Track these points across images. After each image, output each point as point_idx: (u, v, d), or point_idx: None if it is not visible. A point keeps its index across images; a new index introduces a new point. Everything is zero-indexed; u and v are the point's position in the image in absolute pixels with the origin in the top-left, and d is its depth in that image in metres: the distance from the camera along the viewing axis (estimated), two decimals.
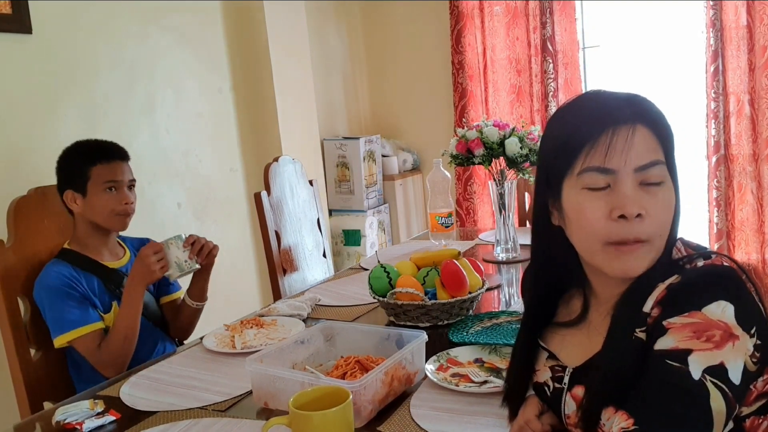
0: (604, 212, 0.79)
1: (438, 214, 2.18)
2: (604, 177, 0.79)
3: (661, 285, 0.78)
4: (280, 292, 2.27)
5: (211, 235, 2.87)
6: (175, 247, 1.65)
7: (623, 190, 0.78)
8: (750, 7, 2.96)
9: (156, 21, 2.64)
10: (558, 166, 0.83)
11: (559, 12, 3.39)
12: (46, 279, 1.63)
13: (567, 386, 0.89)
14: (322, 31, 3.72)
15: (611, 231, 0.79)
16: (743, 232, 3.15)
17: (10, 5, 2.09)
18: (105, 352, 1.59)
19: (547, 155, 0.87)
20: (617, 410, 0.78)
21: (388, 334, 1.32)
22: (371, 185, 3.73)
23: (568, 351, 0.91)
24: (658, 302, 0.77)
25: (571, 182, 0.82)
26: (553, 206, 0.87)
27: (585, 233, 0.82)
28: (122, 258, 1.81)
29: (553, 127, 0.88)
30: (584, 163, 0.80)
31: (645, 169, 0.79)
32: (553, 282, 0.94)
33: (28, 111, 2.17)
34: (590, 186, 0.80)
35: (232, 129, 3.03)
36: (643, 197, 0.79)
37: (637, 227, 0.78)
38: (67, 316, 1.60)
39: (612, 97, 0.84)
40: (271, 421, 0.97)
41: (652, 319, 0.77)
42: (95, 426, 1.19)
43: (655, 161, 0.80)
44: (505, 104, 3.64)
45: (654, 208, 0.79)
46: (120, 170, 1.70)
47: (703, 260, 0.79)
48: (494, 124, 2.00)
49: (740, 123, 3.09)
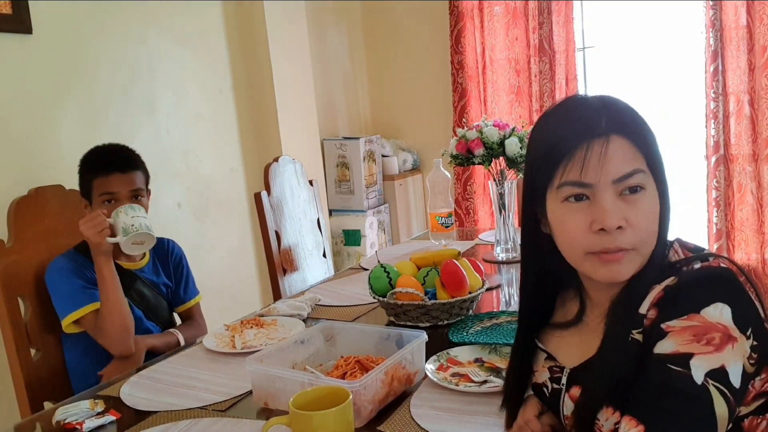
0: (584, 224, 0.80)
1: (438, 214, 2.18)
2: (582, 190, 0.80)
3: (658, 287, 0.78)
4: (280, 292, 2.27)
5: (211, 235, 2.90)
6: (123, 213, 1.63)
7: (602, 204, 0.78)
8: (750, 7, 2.96)
9: (156, 21, 2.64)
10: (541, 178, 0.84)
11: (557, 12, 3.39)
12: (58, 262, 1.68)
13: (565, 387, 0.89)
14: (322, 31, 3.72)
15: (592, 243, 0.80)
16: (743, 232, 3.15)
17: (10, 5, 2.09)
18: (101, 329, 1.63)
19: (531, 165, 0.87)
20: (615, 411, 0.78)
21: (388, 334, 1.32)
22: (371, 185, 3.73)
23: (566, 352, 0.91)
24: (654, 304, 0.77)
25: (553, 194, 0.83)
26: (541, 214, 0.87)
27: (568, 244, 0.83)
28: (139, 261, 1.82)
29: (535, 137, 0.88)
30: (562, 177, 0.80)
31: (623, 180, 0.79)
32: (547, 284, 0.94)
33: (28, 111, 2.17)
34: (569, 199, 0.81)
35: (232, 129, 3.03)
36: (622, 208, 0.78)
37: (619, 238, 0.78)
38: (74, 295, 1.63)
39: (586, 107, 0.83)
40: (271, 421, 0.97)
41: (649, 321, 0.77)
42: (95, 426, 1.20)
43: (633, 171, 0.79)
44: (505, 104, 3.64)
45: (635, 217, 0.79)
46: (118, 183, 1.68)
47: (700, 263, 0.79)
48: (494, 124, 2.01)
49: (740, 123, 3.09)
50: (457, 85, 3.70)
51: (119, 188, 1.68)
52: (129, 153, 1.76)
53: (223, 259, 2.97)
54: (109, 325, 1.62)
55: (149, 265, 1.85)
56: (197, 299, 1.96)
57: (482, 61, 3.65)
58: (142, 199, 1.73)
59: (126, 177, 1.70)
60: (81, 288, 1.65)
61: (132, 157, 1.75)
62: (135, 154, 1.78)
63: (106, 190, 1.68)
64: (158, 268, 1.87)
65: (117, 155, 1.73)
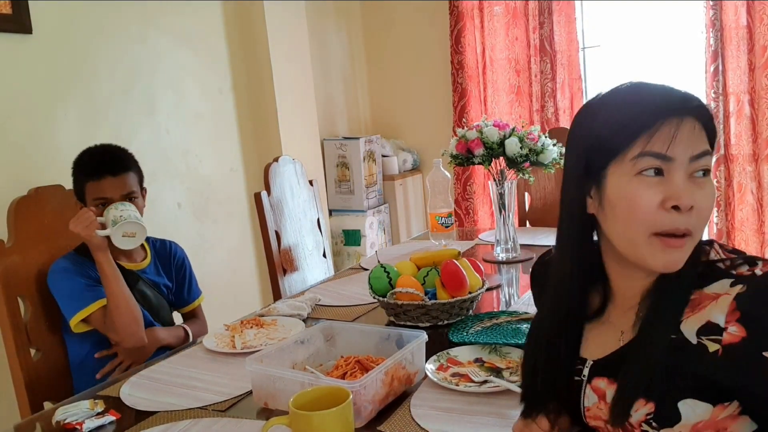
0: (656, 201, 0.79)
1: (438, 214, 2.18)
2: (663, 164, 0.79)
3: (714, 291, 0.78)
4: (280, 292, 2.27)
5: (211, 235, 2.90)
6: (113, 209, 1.64)
7: (678, 182, 0.78)
8: (750, 7, 2.96)
9: (156, 21, 2.64)
10: (605, 151, 0.82)
11: (558, 12, 3.39)
12: (59, 263, 1.68)
13: (587, 378, 0.89)
14: (322, 31, 3.72)
15: (662, 221, 0.78)
16: (743, 232, 3.15)
17: (10, 5, 2.09)
18: (111, 324, 1.63)
19: (589, 140, 0.85)
20: (647, 402, 0.79)
21: (388, 334, 1.32)
22: (371, 185, 3.73)
23: (585, 343, 0.91)
24: (737, 320, 0.75)
25: (622, 168, 0.81)
26: (589, 194, 0.85)
27: (632, 222, 0.80)
28: (141, 262, 1.82)
29: (594, 115, 0.86)
30: (645, 147, 0.79)
31: (698, 159, 0.79)
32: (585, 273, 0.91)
33: (28, 111, 2.17)
34: (645, 171, 0.79)
35: (232, 129, 3.03)
36: (693, 189, 0.79)
37: (687, 219, 0.78)
38: (79, 294, 1.64)
39: (668, 89, 0.83)
40: (271, 421, 0.97)
41: (736, 338, 0.75)
42: (95, 426, 1.19)
43: (706, 150, 0.80)
44: (505, 104, 3.64)
45: (703, 200, 0.79)
46: (110, 187, 1.68)
47: (747, 265, 0.78)
48: (494, 124, 2.00)
49: (740, 123, 3.09)
50: (457, 85, 3.70)
51: (112, 193, 1.68)
52: (121, 154, 1.75)
53: (223, 259, 2.97)
54: (118, 319, 1.62)
55: (151, 266, 1.85)
56: (200, 299, 1.97)
57: (482, 61, 3.65)
58: (136, 201, 1.72)
59: (118, 180, 1.69)
60: (85, 286, 1.65)
61: (124, 158, 1.74)
62: (127, 154, 1.76)
63: (98, 195, 1.67)
64: (159, 270, 1.88)
65: (108, 157, 1.72)
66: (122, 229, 1.62)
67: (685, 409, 0.78)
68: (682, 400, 0.78)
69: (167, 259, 1.90)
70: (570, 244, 0.90)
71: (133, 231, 1.64)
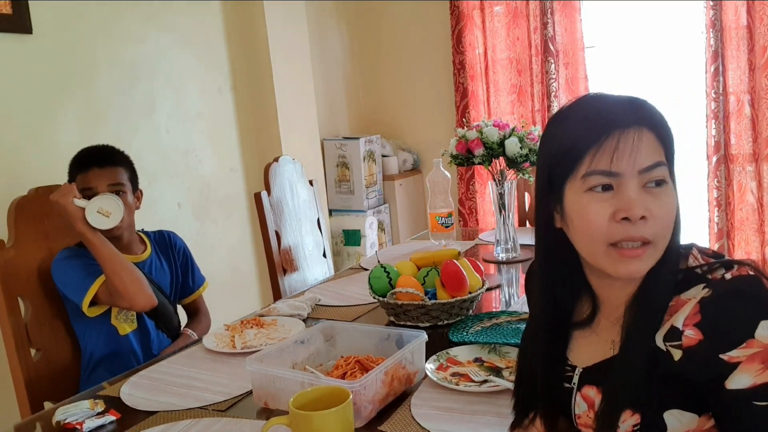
0: (607, 214, 0.80)
1: (438, 214, 2.18)
2: (610, 180, 0.80)
3: (692, 299, 0.78)
4: (280, 292, 2.27)
5: (211, 235, 2.90)
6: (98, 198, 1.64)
7: (628, 194, 0.79)
8: (750, 7, 2.96)
9: (156, 21, 2.64)
10: (561, 168, 0.83)
11: (560, 12, 3.39)
12: (60, 254, 1.70)
13: (576, 386, 0.89)
14: (322, 31, 3.72)
15: (615, 232, 0.79)
16: (743, 231, 3.15)
17: (10, 5, 2.09)
18: (114, 291, 1.63)
19: (549, 157, 0.86)
20: (634, 413, 0.79)
21: (388, 334, 1.32)
22: (371, 185, 3.73)
23: (577, 351, 0.91)
24: (695, 324, 0.76)
25: (575, 185, 0.82)
26: (555, 209, 0.87)
27: (588, 235, 0.82)
28: (140, 254, 1.83)
29: (555, 129, 0.88)
30: (590, 166, 0.80)
31: (649, 171, 0.79)
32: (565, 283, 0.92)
33: (28, 111, 2.17)
34: (595, 188, 0.80)
35: (232, 129, 3.03)
36: (646, 199, 0.79)
37: (641, 229, 0.78)
38: (82, 277, 1.65)
39: (616, 101, 0.83)
40: (271, 421, 0.97)
41: (693, 341, 0.76)
42: (95, 426, 1.19)
43: (658, 162, 0.80)
44: (506, 104, 3.64)
45: (658, 209, 0.79)
46: (95, 177, 1.71)
47: (724, 269, 0.78)
48: (494, 124, 2.00)
49: (740, 123, 3.09)
50: (458, 85, 3.70)
51: (96, 182, 1.70)
52: (111, 150, 1.79)
53: (223, 259, 2.97)
54: (118, 283, 1.62)
55: (153, 256, 1.85)
56: (205, 286, 1.99)
57: (484, 61, 3.65)
58: (124, 195, 1.73)
59: (104, 171, 1.72)
60: (84, 267, 1.66)
61: (113, 154, 1.77)
62: (118, 152, 1.80)
63: (85, 185, 1.70)
64: (161, 259, 1.88)
65: (97, 151, 1.76)
66: (98, 203, 1.62)
67: (671, 420, 0.78)
68: (667, 411, 0.78)
69: (167, 248, 1.91)
70: (544, 257, 0.93)
71: (108, 210, 1.63)
